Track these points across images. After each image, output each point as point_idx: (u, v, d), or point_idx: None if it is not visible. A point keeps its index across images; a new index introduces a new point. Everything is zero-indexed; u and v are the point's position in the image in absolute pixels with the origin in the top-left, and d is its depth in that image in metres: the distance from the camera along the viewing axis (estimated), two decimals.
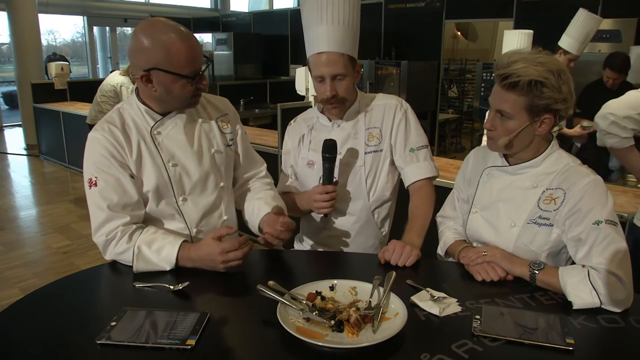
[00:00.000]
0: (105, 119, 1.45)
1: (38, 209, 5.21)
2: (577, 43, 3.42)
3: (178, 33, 1.31)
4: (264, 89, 8.04)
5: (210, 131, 1.53)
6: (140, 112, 1.44)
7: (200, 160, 1.48)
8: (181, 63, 1.31)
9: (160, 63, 1.31)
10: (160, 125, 1.45)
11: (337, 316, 1.07)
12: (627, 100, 1.92)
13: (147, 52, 1.31)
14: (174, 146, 1.45)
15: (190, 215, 1.49)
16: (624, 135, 1.92)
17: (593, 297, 1.16)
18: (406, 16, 7.16)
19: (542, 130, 1.31)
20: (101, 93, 5.27)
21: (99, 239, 1.38)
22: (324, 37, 1.52)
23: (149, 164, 1.42)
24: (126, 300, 1.25)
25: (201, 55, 1.37)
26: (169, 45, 1.29)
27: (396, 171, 1.71)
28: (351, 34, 1.55)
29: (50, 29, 14.03)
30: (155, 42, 1.30)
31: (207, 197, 1.51)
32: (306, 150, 1.71)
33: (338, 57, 1.52)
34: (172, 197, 1.46)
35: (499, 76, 1.28)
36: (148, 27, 1.32)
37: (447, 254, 1.53)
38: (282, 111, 3.47)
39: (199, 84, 1.38)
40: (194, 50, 1.33)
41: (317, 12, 1.52)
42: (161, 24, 1.32)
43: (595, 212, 1.24)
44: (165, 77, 1.33)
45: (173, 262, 1.34)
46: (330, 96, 1.55)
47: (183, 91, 1.37)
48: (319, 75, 1.55)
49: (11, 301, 1.25)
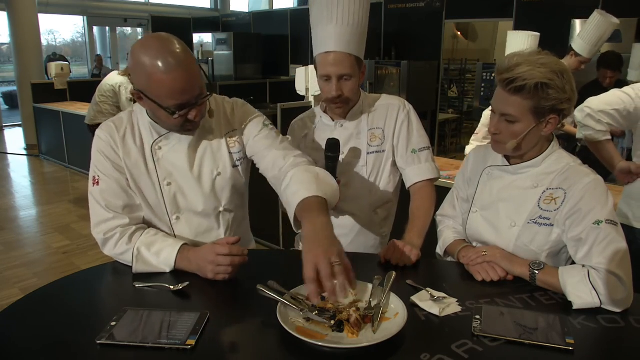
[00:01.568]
0: (113, 119, 1.42)
1: (38, 209, 5.21)
2: (588, 46, 3.35)
3: (166, 63, 1.19)
4: (264, 89, 8.05)
5: (219, 150, 1.44)
6: (147, 124, 1.40)
7: (199, 183, 1.42)
8: (162, 95, 1.23)
9: (143, 88, 1.25)
10: (163, 139, 1.40)
11: (337, 316, 1.07)
12: (605, 97, 2.04)
13: (135, 73, 1.26)
14: (172, 166, 1.40)
15: (182, 234, 1.44)
16: (598, 129, 2.05)
17: (593, 297, 1.16)
18: (406, 16, 7.16)
19: (548, 131, 1.30)
20: (100, 93, 5.27)
21: (97, 235, 1.38)
22: (332, 37, 1.51)
23: (144, 178, 1.39)
24: (126, 300, 1.25)
25: (193, 88, 1.24)
26: (151, 74, 1.20)
27: (398, 172, 1.71)
28: (359, 34, 1.54)
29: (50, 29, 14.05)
30: (140, 65, 1.22)
31: (202, 219, 1.45)
32: (308, 150, 1.71)
33: (345, 58, 1.52)
34: (165, 214, 1.42)
35: (502, 80, 1.27)
36: (141, 47, 1.23)
37: (447, 253, 1.53)
38: (282, 111, 3.47)
39: (187, 116, 1.28)
40: (180, 83, 1.21)
41: (328, 11, 1.51)
42: (155, 47, 1.21)
43: (596, 212, 1.23)
44: (149, 102, 1.27)
45: (172, 265, 1.33)
46: (335, 96, 1.55)
47: (168, 120, 1.29)
48: (326, 75, 1.54)
49: (11, 301, 1.25)
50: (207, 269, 1.27)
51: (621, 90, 2.02)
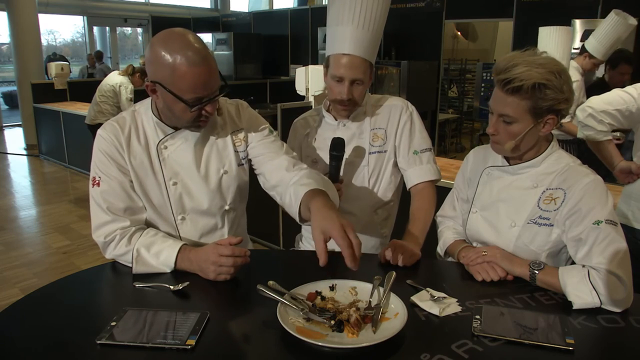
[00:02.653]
0: (116, 117, 1.42)
1: (38, 209, 5.21)
2: (603, 48, 3.25)
3: (189, 57, 1.22)
4: (264, 89, 8.05)
5: (225, 149, 1.46)
6: (152, 123, 1.40)
7: (205, 182, 1.42)
8: (183, 88, 1.25)
9: (164, 80, 1.25)
10: (169, 139, 1.40)
11: (337, 316, 1.07)
12: (607, 97, 2.02)
13: (155, 65, 1.25)
14: (178, 165, 1.40)
15: (187, 234, 1.44)
16: (599, 129, 2.03)
17: (593, 297, 1.16)
18: (406, 16, 7.16)
19: (546, 131, 1.31)
20: (100, 93, 5.28)
21: (97, 239, 1.37)
22: (351, 39, 1.51)
23: (149, 178, 1.39)
24: (126, 300, 1.25)
25: (213, 82, 1.28)
26: (175, 67, 1.22)
27: (399, 173, 1.71)
28: (376, 40, 1.55)
29: (50, 29, 14.04)
30: (163, 59, 1.23)
31: (207, 219, 1.46)
32: (311, 149, 1.71)
33: (361, 62, 1.53)
34: (170, 215, 1.42)
35: (500, 81, 1.27)
36: (164, 40, 1.25)
37: (447, 253, 1.53)
38: (282, 111, 3.47)
39: (202, 110, 1.31)
40: (203, 77, 1.24)
41: (350, 13, 1.51)
42: (178, 40, 1.24)
43: (596, 212, 1.23)
44: (167, 94, 1.27)
45: (172, 265, 1.33)
46: (346, 99, 1.56)
47: (183, 114, 1.30)
48: (339, 76, 1.54)
49: (11, 301, 1.25)
50: (209, 270, 1.27)
51: (623, 90, 2.00)
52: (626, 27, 3.20)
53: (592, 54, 3.32)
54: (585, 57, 3.35)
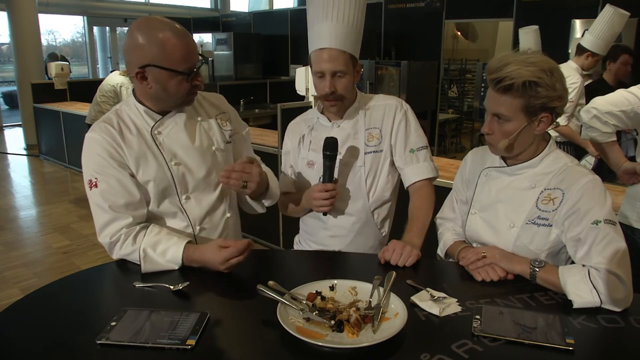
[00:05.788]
0: (102, 119, 1.44)
1: (38, 209, 5.21)
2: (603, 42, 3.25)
3: (173, 30, 1.32)
4: (264, 89, 8.04)
5: (210, 129, 1.54)
6: (139, 113, 1.45)
7: (203, 158, 1.49)
8: (176, 59, 1.32)
9: (155, 59, 1.32)
10: (160, 125, 1.46)
11: (337, 316, 1.07)
12: (612, 97, 2.00)
13: (143, 49, 1.31)
14: (176, 145, 1.46)
15: (193, 213, 1.50)
16: (604, 130, 2.01)
17: (593, 296, 1.16)
18: (406, 16, 7.16)
19: (541, 129, 1.31)
20: (101, 93, 5.27)
21: (103, 240, 1.39)
22: (326, 34, 1.52)
23: (151, 164, 1.42)
24: (126, 300, 1.25)
25: (196, 52, 1.38)
26: (165, 42, 1.30)
27: (396, 172, 1.71)
28: (354, 32, 1.55)
29: (50, 29, 14.04)
30: (150, 39, 1.31)
31: (210, 195, 1.52)
32: (306, 151, 1.71)
33: (339, 54, 1.53)
34: (175, 195, 1.46)
35: (492, 80, 1.28)
36: (143, 24, 1.33)
37: (447, 255, 1.53)
38: (282, 111, 3.47)
39: (194, 81, 1.39)
40: (189, 46, 1.35)
41: (323, 9, 1.53)
42: (157, 21, 1.33)
43: (594, 211, 1.24)
44: (160, 73, 1.33)
45: (180, 262, 1.36)
46: (329, 92, 1.55)
47: (179, 88, 1.37)
48: (319, 71, 1.55)
49: (11, 301, 1.25)
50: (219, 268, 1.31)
51: (627, 91, 1.98)
52: (620, 18, 3.22)
53: (593, 51, 3.31)
54: (588, 57, 3.34)
